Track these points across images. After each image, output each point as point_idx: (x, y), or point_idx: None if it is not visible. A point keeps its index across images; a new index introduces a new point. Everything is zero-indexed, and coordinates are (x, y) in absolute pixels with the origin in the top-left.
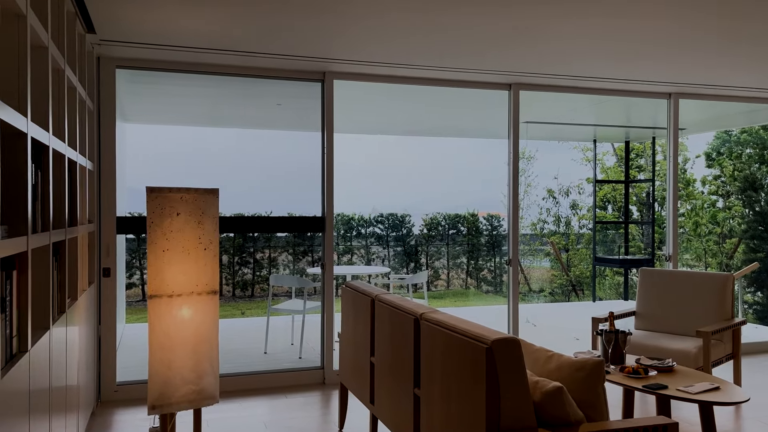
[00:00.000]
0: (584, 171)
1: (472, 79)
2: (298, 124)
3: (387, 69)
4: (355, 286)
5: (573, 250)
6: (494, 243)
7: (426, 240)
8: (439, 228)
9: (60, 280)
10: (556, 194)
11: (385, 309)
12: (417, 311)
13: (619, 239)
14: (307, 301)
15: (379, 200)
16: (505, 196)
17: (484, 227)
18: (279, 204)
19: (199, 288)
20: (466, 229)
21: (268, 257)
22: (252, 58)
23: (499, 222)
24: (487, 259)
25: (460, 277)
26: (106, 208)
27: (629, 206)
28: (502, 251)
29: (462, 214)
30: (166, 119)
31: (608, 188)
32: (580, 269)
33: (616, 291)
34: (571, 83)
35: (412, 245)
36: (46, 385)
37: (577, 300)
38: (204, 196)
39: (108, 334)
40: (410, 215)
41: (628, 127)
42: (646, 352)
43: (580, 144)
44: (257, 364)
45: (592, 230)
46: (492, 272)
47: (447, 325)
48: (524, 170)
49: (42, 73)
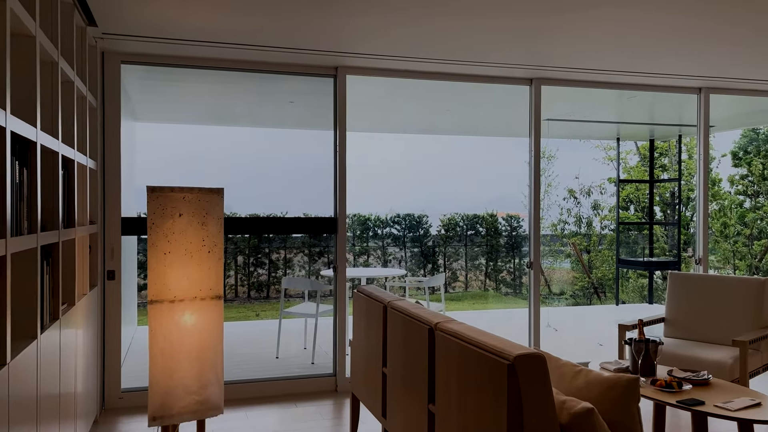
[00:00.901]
0: (606, 170)
1: (492, 74)
2: (312, 123)
3: (403, 63)
4: (367, 291)
5: (594, 251)
6: (514, 244)
7: (444, 241)
8: (457, 229)
9: (53, 285)
10: (577, 194)
11: (398, 317)
12: (432, 320)
13: (641, 240)
14: (321, 304)
15: (396, 200)
16: (525, 196)
17: (503, 228)
18: (295, 204)
19: (203, 293)
20: (485, 229)
21: (284, 258)
22: (262, 52)
23: (518, 222)
24: (506, 261)
25: (479, 278)
26: (110, 208)
27: (653, 207)
28: (522, 252)
29: (480, 215)
30: (178, 118)
31: (631, 188)
32: (602, 271)
33: (640, 294)
34: (595, 77)
35: (429, 246)
36: (33, 393)
37: (599, 303)
38: (208, 196)
39: (112, 339)
40: (427, 216)
41: (653, 125)
42: (677, 363)
43: (602, 143)
44: (269, 370)
45: (616, 231)
46: (511, 274)
47: (464, 337)
48: (545, 170)
49: (27, 63)
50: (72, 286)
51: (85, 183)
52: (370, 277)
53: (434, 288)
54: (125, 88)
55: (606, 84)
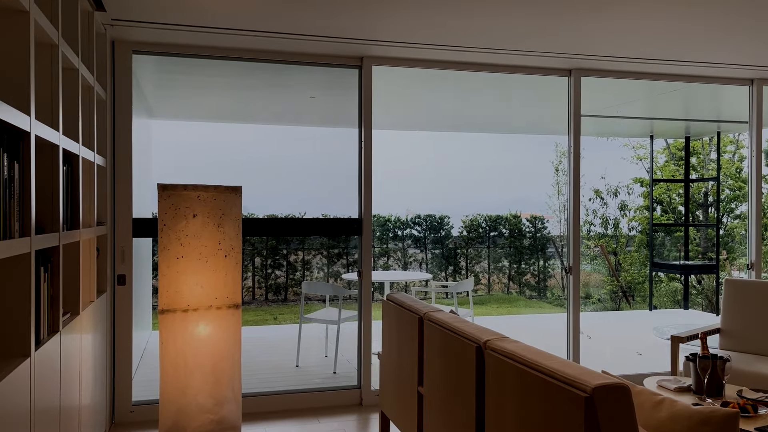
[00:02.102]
0: (633, 170)
1: (528, 64)
2: (334, 119)
3: (432, 52)
4: (398, 300)
5: (622, 253)
6: (538, 246)
7: (466, 243)
8: (480, 230)
9: (52, 294)
10: (603, 195)
11: (436, 331)
12: (480, 337)
13: (669, 242)
14: (342, 309)
15: (414, 201)
16: (549, 197)
17: (527, 229)
18: (313, 204)
19: (219, 301)
20: (508, 231)
21: (302, 260)
22: (282, 40)
23: (543, 224)
24: (531, 263)
25: (502, 281)
26: (120, 208)
27: (689, 208)
28: (547, 255)
29: (504, 216)
30: (194, 115)
31: (659, 188)
32: (631, 274)
33: (672, 298)
34: (638, 67)
35: (450, 248)
36: (26, 411)
37: (628, 307)
38: (224, 195)
39: (123, 349)
40: (449, 216)
41: (691, 121)
42: (743, 381)
43: (630, 141)
44: (288, 379)
45: (649, 233)
46: (536, 277)
47: (524, 360)
48: None
49: (19, 42)
50: (76, 293)
51: (92, 181)
52: (394, 281)
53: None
54: (139, 83)
55: (649, 75)
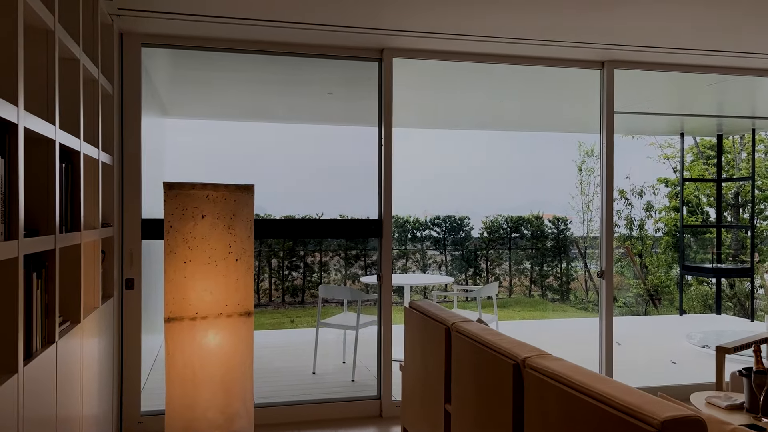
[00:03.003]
0: (659, 170)
1: (558, 56)
2: (352, 117)
3: (456, 43)
4: (422, 308)
5: (648, 255)
6: (561, 248)
7: (486, 244)
8: (501, 231)
9: (47, 302)
10: (628, 195)
11: (466, 344)
12: (517, 354)
13: (696, 244)
14: (361, 314)
15: (432, 201)
16: (572, 197)
17: (550, 231)
18: (330, 204)
19: (229, 308)
20: (530, 232)
21: (319, 261)
22: (299, 31)
23: (566, 225)
24: (553, 266)
25: (523, 284)
26: (129, 209)
27: (721, 208)
28: (570, 257)
29: (525, 216)
30: (208, 113)
31: (686, 188)
32: (658, 277)
33: (703, 303)
34: (676, 59)
35: (471, 250)
36: (13, 428)
37: (656, 312)
38: (235, 195)
39: (131, 357)
40: (469, 217)
41: (725, 117)
42: None
43: (657, 139)
44: (305, 387)
45: (680, 235)
46: (558, 279)
47: (572, 383)
48: (593, 169)
49: (4, 24)
50: (76, 300)
51: (97, 179)
52: (415, 284)
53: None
54: (151, 79)
55: (688, 67)
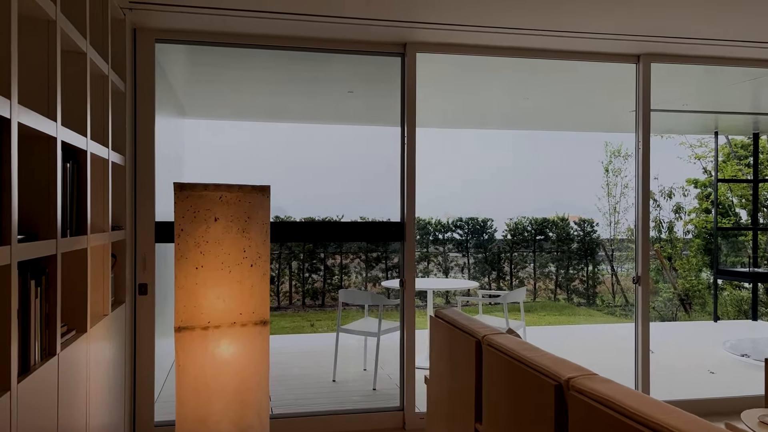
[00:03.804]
0: (689, 170)
1: (590, 49)
2: (373, 117)
3: (484, 36)
4: (449, 318)
5: (678, 258)
6: (587, 251)
7: (510, 247)
8: (525, 233)
9: (47, 311)
10: (656, 196)
11: (499, 360)
12: (560, 373)
13: (727, 247)
14: (382, 320)
15: (453, 203)
16: (599, 199)
17: (576, 233)
18: (350, 206)
19: (244, 317)
20: (555, 234)
21: (339, 264)
22: (318, 24)
23: (592, 227)
24: (579, 269)
25: (548, 287)
26: (142, 211)
27: (757, 209)
28: (596, 260)
29: (550, 218)
30: (228, 114)
31: (718, 189)
32: (689, 281)
33: (738, 308)
34: (721, 51)
35: (494, 252)
36: None
37: (687, 317)
38: (250, 196)
39: (144, 365)
40: (492, 219)
41: (763, 115)
42: None
43: (688, 138)
44: (325, 396)
45: (713, 237)
46: (584, 283)
47: (627, 411)
48: (620, 170)
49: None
50: (82, 308)
51: (107, 180)
52: (439, 289)
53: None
54: (168, 79)
55: (733, 60)
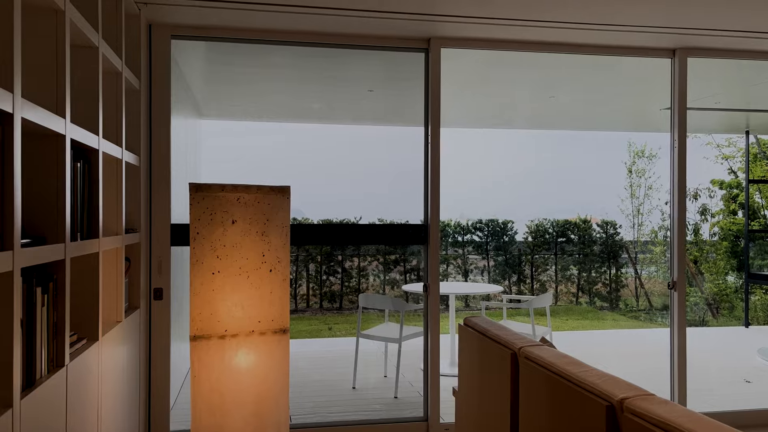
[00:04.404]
0: (716, 171)
1: (622, 43)
2: (393, 116)
3: (513, 30)
4: (480, 327)
5: (704, 262)
6: (610, 253)
7: (531, 249)
8: (546, 236)
9: (56, 319)
10: (670, 198)
11: (539, 375)
12: (612, 393)
13: (753, 250)
14: (404, 325)
15: (471, 204)
16: (622, 200)
17: (598, 235)
18: (367, 208)
19: (263, 325)
20: (577, 237)
21: (357, 266)
22: (339, 18)
23: (615, 229)
24: (602, 272)
25: (570, 290)
26: (157, 213)
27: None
28: (619, 262)
29: (572, 220)
30: (245, 114)
31: (741, 190)
32: (717, 285)
33: None
34: (764, 45)
35: (514, 255)
36: None
37: (715, 323)
38: (269, 197)
39: (160, 374)
40: (513, 221)
41: None
42: None
43: (714, 138)
44: (344, 404)
45: (745, 240)
46: (606, 286)
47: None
48: (644, 170)
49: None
50: (94, 315)
51: (120, 181)
52: (462, 294)
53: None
54: (185, 79)
55: None
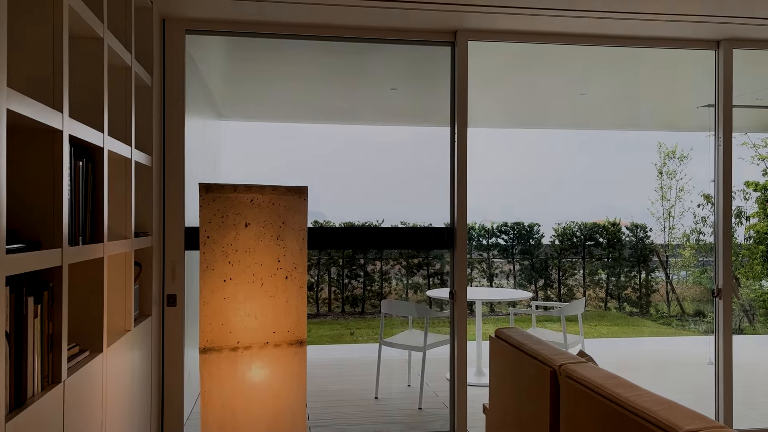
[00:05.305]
0: (748, 172)
1: (661, 34)
2: (417, 116)
3: (545, 21)
4: (514, 340)
5: (740, 266)
6: (640, 257)
7: (558, 253)
8: (574, 239)
9: (52, 331)
10: (714, 200)
11: (585, 397)
12: (676, 425)
13: None
14: (428, 333)
15: (495, 206)
16: (652, 203)
17: (627, 239)
18: (390, 210)
19: (278, 336)
20: (606, 240)
21: (380, 270)
22: (360, 10)
23: (645, 233)
24: (631, 276)
25: (598, 295)
26: (171, 216)
27: None
28: (649, 266)
29: (600, 223)
30: (265, 115)
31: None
32: (755, 291)
33: None
34: None
35: (541, 259)
36: None
37: (752, 330)
38: (285, 199)
39: (173, 383)
40: (539, 224)
41: None
42: None
43: (750, 138)
44: (367, 415)
45: None
46: (636, 291)
47: None
48: (675, 172)
49: None
50: (98, 325)
51: (129, 181)
52: (488, 300)
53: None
54: (203, 78)
55: None
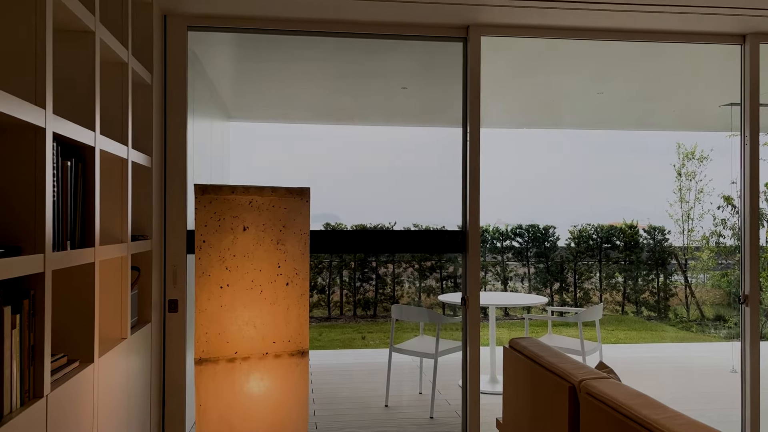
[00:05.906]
0: (766, 173)
1: (684, 28)
2: (428, 117)
3: (560, 15)
4: (531, 351)
5: (762, 270)
6: (657, 260)
7: (574, 256)
8: (590, 242)
9: (33, 342)
10: (735, 202)
11: (607, 417)
12: None
13: None
14: (440, 339)
15: (507, 209)
16: (670, 205)
17: (645, 241)
18: (402, 212)
19: (278, 347)
20: (623, 243)
21: (392, 273)
22: (368, 4)
23: (663, 235)
24: (649, 280)
25: (615, 299)
26: (172, 219)
27: None
28: (667, 270)
29: (617, 225)
30: (275, 116)
31: None
32: None
33: None
34: None
35: (556, 262)
36: None
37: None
38: (286, 200)
39: (174, 393)
40: (555, 227)
41: None
42: None
43: None
44: (376, 423)
45: None
46: (654, 295)
47: None
48: (694, 173)
49: None
50: (88, 333)
51: (125, 183)
52: (503, 305)
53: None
54: (209, 78)
55: None
